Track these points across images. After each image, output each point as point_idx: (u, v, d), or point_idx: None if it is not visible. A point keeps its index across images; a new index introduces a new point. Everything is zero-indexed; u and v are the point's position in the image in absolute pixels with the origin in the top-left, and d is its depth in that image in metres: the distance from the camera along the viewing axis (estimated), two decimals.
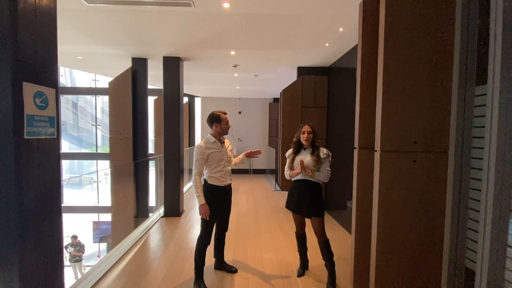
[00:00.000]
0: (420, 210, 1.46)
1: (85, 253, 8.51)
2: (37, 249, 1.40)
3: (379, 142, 1.45)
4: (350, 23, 3.20)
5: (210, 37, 3.78)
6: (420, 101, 1.45)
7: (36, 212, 1.44)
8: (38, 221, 1.44)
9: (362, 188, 1.74)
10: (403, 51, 1.43)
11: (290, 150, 2.77)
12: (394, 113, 1.45)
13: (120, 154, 4.73)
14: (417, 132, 1.45)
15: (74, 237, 8.26)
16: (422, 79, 1.45)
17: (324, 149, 2.62)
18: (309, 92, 5.11)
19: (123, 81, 4.71)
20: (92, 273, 2.92)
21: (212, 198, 2.55)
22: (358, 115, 1.71)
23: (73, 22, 3.40)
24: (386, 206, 1.46)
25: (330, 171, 2.59)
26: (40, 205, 1.48)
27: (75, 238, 8.23)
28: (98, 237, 9.64)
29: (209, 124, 2.65)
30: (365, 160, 1.72)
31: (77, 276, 8.25)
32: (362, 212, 1.74)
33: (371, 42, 1.69)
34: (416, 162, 1.45)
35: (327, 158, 2.57)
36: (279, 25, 3.32)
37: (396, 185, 1.46)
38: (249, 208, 5.44)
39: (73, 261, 8.25)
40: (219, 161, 2.59)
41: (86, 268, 8.71)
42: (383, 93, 1.44)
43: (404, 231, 1.47)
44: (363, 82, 1.71)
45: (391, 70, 1.44)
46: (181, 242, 3.70)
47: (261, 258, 3.25)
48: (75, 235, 8.30)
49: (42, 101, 1.54)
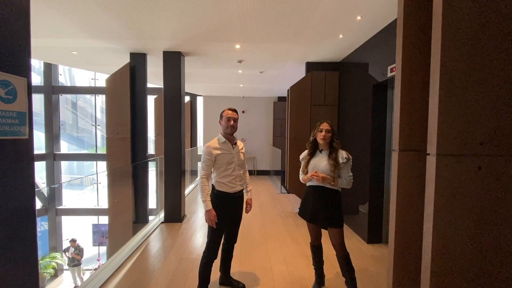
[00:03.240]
0: (486, 227, 1.14)
1: (84, 257, 8.24)
2: (7, 260, 1.23)
3: (434, 143, 1.13)
4: (369, 10, 2.88)
5: (214, 29, 3.47)
6: (488, 92, 1.13)
7: (6, 223, 1.22)
8: (7, 232, 1.22)
9: (403, 198, 1.42)
10: (467, 29, 1.11)
11: (304, 152, 2.48)
12: (455, 107, 1.13)
13: (117, 156, 4.44)
14: (484, 131, 1.13)
15: (73, 240, 8.01)
16: (492, 64, 1.13)
17: (343, 151, 2.30)
18: (318, 89, 4.79)
19: (121, 78, 4.41)
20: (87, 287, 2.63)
21: (219, 206, 2.28)
22: (398, 111, 1.39)
23: (67, 14, 3.11)
24: (443, 223, 1.14)
25: (352, 176, 2.29)
26: (9, 216, 1.22)
27: (73, 241, 7.98)
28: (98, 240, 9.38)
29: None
30: (407, 164, 1.40)
31: (76, 281, 7.99)
32: (402, 229, 1.43)
33: (417, 16, 1.37)
34: (482, 169, 1.13)
35: (348, 162, 2.26)
36: (290, 14, 3.01)
37: (457, 196, 1.14)
38: (255, 212, 5.13)
39: (72, 265, 7.99)
40: (228, 164, 2.30)
41: (85, 272, 8.45)
42: (441, 82, 1.12)
43: (465, 250, 1.15)
44: (405, 70, 1.39)
45: (451, 51, 1.12)
46: (183, 252, 3.39)
47: (271, 271, 2.94)
48: (73, 239, 8.05)
49: (8, 93, 1.23)
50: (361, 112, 3.96)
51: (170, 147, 4.47)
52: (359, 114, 4.04)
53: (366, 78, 3.81)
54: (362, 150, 3.89)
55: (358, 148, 4.04)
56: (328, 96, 4.80)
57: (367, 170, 3.73)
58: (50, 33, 3.71)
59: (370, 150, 3.69)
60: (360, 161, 3.90)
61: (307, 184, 2.42)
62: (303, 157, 2.45)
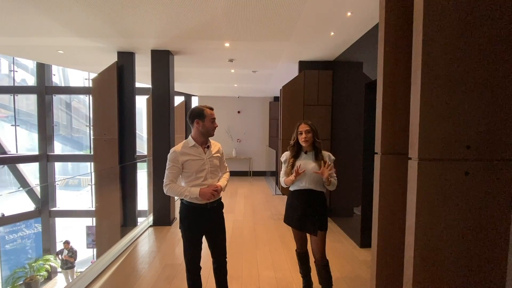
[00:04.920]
0: (474, 238, 1.03)
1: (78, 259, 8.13)
2: None
3: (416, 147, 1.02)
4: (359, 6, 2.76)
5: (200, 26, 3.36)
6: (474, 90, 1.01)
7: None
8: None
9: (385, 204, 1.31)
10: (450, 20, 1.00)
11: (286, 153, 2.31)
12: (438, 107, 1.01)
13: (104, 157, 4.32)
14: (470, 133, 1.02)
15: (67, 242, 7.90)
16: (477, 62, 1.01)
17: (326, 152, 2.22)
18: (312, 88, 4.67)
19: (108, 77, 4.30)
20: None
21: (189, 220, 1.97)
22: (380, 112, 1.28)
23: (51, 12, 2.99)
24: (426, 236, 1.03)
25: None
26: None
27: (67, 243, 7.87)
28: (92, 243, 9.27)
29: (189, 122, 2.02)
30: (390, 168, 1.29)
31: None
32: (385, 239, 1.31)
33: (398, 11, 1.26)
34: (469, 174, 1.01)
35: (332, 163, 2.17)
36: (277, 10, 2.89)
37: (442, 205, 1.02)
38: (247, 215, 5.01)
39: (65, 268, 7.88)
40: (197, 172, 1.97)
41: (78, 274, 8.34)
42: (422, 81, 1.01)
43: (451, 266, 1.03)
44: (386, 69, 1.27)
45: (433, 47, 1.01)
46: (168, 257, 3.28)
47: (258, 278, 2.82)
48: (67, 241, 7.94)
49: None
50: (355, 112, 3.84)
51: (158, 148, 4.36)
52: (353, 114, 3.92)
53: (360, 77, 3.69)
54: (356, 150, 3.78)
55: (352, 149, 3.92)
56: (321, 96, 4.69)
57: (360, 171, 3.62)
58: (35, 32, 3.59)
59: (363, 151, 3.57)
60: (355, 161, 3.78)
61: (291, 189, 2.27)
62: (285, 159, 2.29)
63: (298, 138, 2.19)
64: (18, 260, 8.66)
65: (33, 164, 9.18)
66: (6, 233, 8.65)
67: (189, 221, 1.99)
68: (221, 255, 2.12)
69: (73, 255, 7.88)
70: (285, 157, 2.30)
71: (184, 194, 1.93)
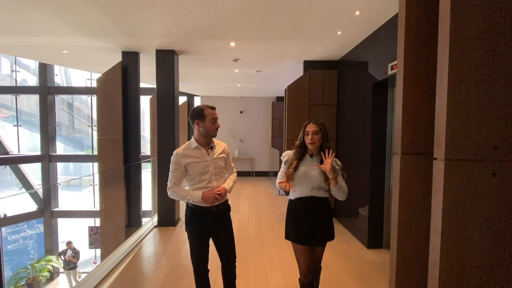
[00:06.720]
0: (502, 241, 1.00)
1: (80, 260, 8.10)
2: None
3: (442, 147, 0.99)
4: (369, 4, 2.74)
5: (207, 25, 3.33)
6: (502, 89, 0.99)
7: None
8: None
9: (406, 206, 1.28)
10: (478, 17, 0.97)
11: (288, 152, 2.02)
12: (465, 107, 0.99)
13: (109, 157, 4.30)
14: (498, 133, 0.99)
15: (69, 242, 7.89)
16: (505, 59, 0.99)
17: None
18: (317, 88, 4.64)
19: (112, 77, 4.28)
20: None
21: (195, 224, 1.92)
22: (401, 110, 1.25)
23: (56, 11, 2.97)
24: (452, 238, 1.00)
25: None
26: None
27: (70, 243, 7.86)
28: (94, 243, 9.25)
29: (190, 122, 1.93)
30: (411, 169, 1.26)
31: (71, 284, 7.85)
32: (405, 241, 1.29)
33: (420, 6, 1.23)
34: (497, 175, 0.99)
35: (340, 170, 1.93)
36: (285, 10, 2.87)
37: (469, 207, 1.00)
38: (252, 215, 4.99)
39: (67, 269, 7.85)
40: (201, 175, 1.89)
41: (81, 275, 8.30)
42: (449, 79, 0.98)
43: (479, 271, 1.01)
44: (407, 66, 1.25)
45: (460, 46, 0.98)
46: (174, 258, 3.25)
47: (266, 279, 2.80)
48: (70, 241, 7.92)
49: None
50: (361, 112, 3.82)
51: (163, 148, 4.34)
52: (359, 114, 3.90)
53: (366, 76, 3.67)
54: (362, 151, 3.75)
55: (358, 149, 3.90)
56: (326, 96, 4.66)
57: (367, 172, 3.59)
58: (39, 31, 3.57)
59: (370, 151, 3.55)
60: (361, 161, 3.76)
61: (291, 198, 2.01)
62: (287, 159, 1.99)
63: (305, 139, 1.92)
64: (20, 261, 8.64)
65: (35, 165, 9.16)
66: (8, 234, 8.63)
67: (195, 225, 1.94)
68: (229, 260, 2.06)
69: (76, 256, 7.87)
70: (286, 156, 2.00)
71: (187, 197, 1.87)
